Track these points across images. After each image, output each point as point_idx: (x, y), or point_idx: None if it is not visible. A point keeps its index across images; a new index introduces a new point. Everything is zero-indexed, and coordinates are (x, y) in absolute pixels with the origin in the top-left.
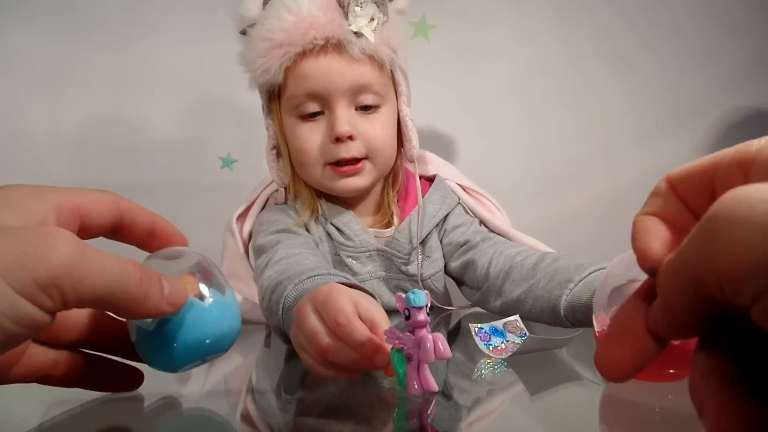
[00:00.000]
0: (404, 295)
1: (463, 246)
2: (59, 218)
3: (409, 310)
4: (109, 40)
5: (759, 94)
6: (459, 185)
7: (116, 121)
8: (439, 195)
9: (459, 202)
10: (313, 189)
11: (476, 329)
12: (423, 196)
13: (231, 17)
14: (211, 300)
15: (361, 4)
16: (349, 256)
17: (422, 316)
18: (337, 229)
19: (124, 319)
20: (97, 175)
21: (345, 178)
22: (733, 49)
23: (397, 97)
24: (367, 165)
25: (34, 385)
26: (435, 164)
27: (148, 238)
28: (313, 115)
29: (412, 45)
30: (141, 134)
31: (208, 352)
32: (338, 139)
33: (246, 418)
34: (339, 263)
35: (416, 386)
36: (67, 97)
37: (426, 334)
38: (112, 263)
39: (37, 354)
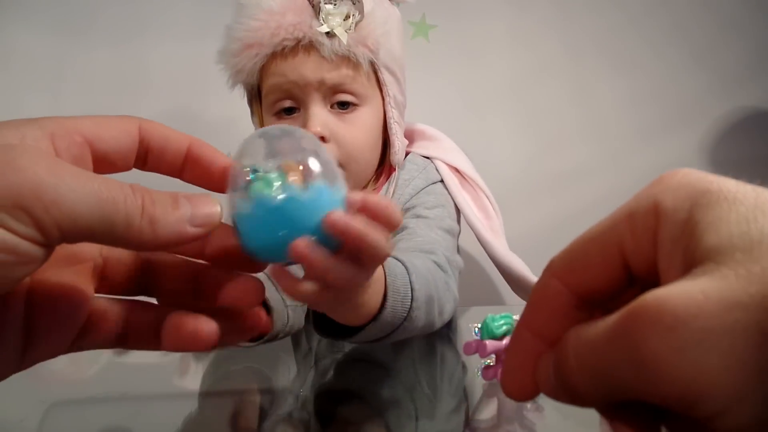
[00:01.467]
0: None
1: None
2: (56, 147)
3: None
4: (108, 38)
5: (760, 93)
6: (449, 166)
7: None
8: (403, 179)
9: (439, 182)
10: None
11: (476, 329)
12: (382, 185)
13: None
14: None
15: (335, 2)
16: None
17: None
18: None
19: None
20: None
21: None
22: (734, 48)
23: (383, 98)
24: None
25: (34, 385)
26: (429, 138)
27: (182, 165)
28: (289, 112)
29: (412, 45)
30: None
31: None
32: None
33: (247, 416)
34: None
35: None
36: (66, 95)
37: None
38: (99, 185)
39: (108, 309)
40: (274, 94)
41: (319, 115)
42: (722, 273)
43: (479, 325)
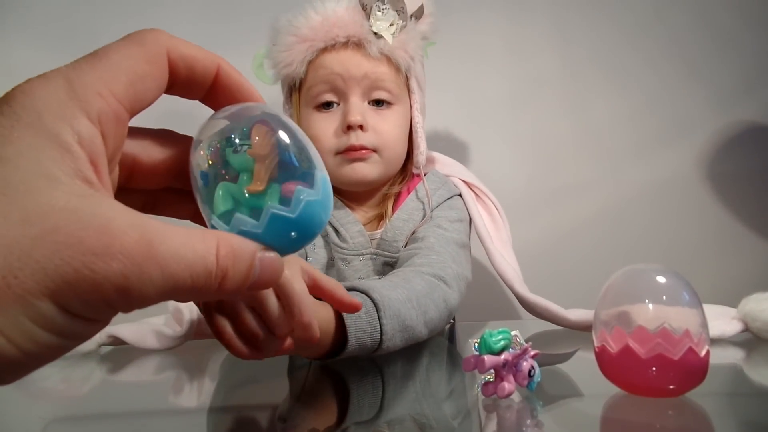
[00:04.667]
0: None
1: (416, 239)
2: (104, 134)
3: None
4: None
5: (757, 107)
6: (463, 182)
7: None
8: (431, 187)
9: (458, 195)
10: None
11: (476, 344)
12: (413, 189)
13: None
14: (300, 201)
15: (383, 9)
16: (342, 259)
17: None
18: (335, 229)
19: None
20: None
21: (354, 163)
22: (730, 62)
23: (411, 105)
24: (374, 156)
25: (33, 400)
26: (441, 162)
27: (208, 91)
28: (328, 106)
29: None
30: None
31: (298, 246)
32: (350, 127)
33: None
34: (331, 268)
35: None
36: None
37: None
38: (187, 251)
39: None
40: (318, 86)
41: (359, 105)
42: None
43: (478, 341)
